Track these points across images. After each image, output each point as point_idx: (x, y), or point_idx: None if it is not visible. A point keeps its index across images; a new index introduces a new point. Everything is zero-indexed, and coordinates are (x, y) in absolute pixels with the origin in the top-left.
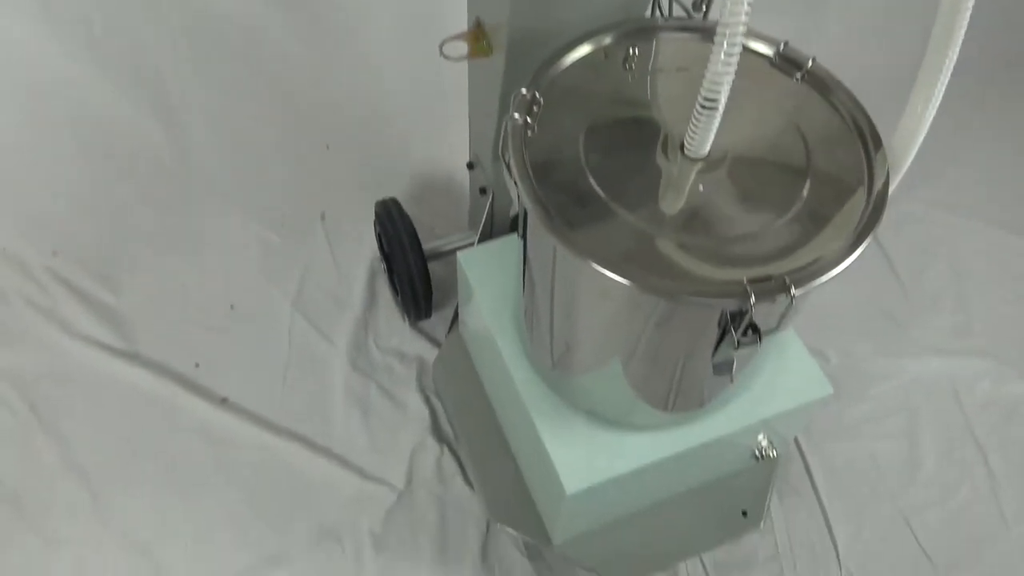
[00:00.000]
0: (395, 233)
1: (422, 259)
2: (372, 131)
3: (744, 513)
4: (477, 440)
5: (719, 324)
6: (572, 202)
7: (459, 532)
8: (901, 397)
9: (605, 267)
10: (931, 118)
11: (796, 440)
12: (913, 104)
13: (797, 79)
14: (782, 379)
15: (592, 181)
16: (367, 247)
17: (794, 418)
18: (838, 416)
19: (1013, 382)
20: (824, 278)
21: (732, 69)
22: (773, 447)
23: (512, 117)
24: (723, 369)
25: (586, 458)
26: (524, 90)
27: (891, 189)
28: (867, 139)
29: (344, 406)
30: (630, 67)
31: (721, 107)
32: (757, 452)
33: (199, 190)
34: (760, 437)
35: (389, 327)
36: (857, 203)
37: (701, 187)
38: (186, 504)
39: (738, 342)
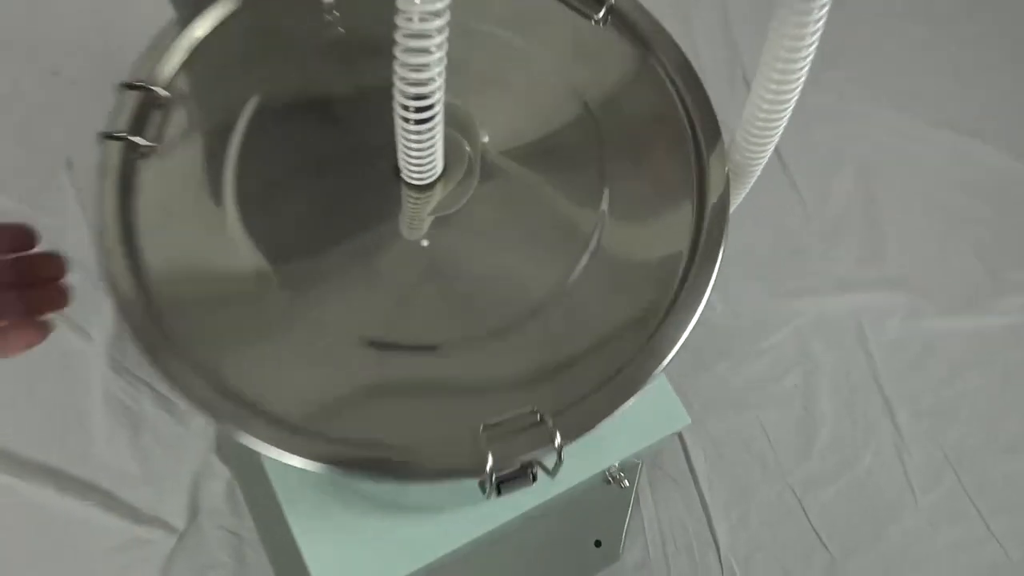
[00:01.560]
0: None
1: None
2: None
3: (598, 543)
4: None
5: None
6: (213, 293)
7: (262, 574)
8: (798, 348)
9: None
10: (795, 96)
11: None
12: (766, 73)
13: (597, 21)
14: (629, 415)
15: (251, 243)
16: None
17: (643, 453)
18: (723, 383)
19: (928, 318)
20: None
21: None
22: (624, 477)
23: (107, 138)
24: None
25: (356, 557)
26: (130, 81)
27: (735, 204)
28: (698, 126)
29: (106, 422)
30: (334, 11)
31: (438, 117)
32: (607, 477)
33: None
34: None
35: None
36: (678, 238)
37: (425, 242)
38: None
39: (499, 491)
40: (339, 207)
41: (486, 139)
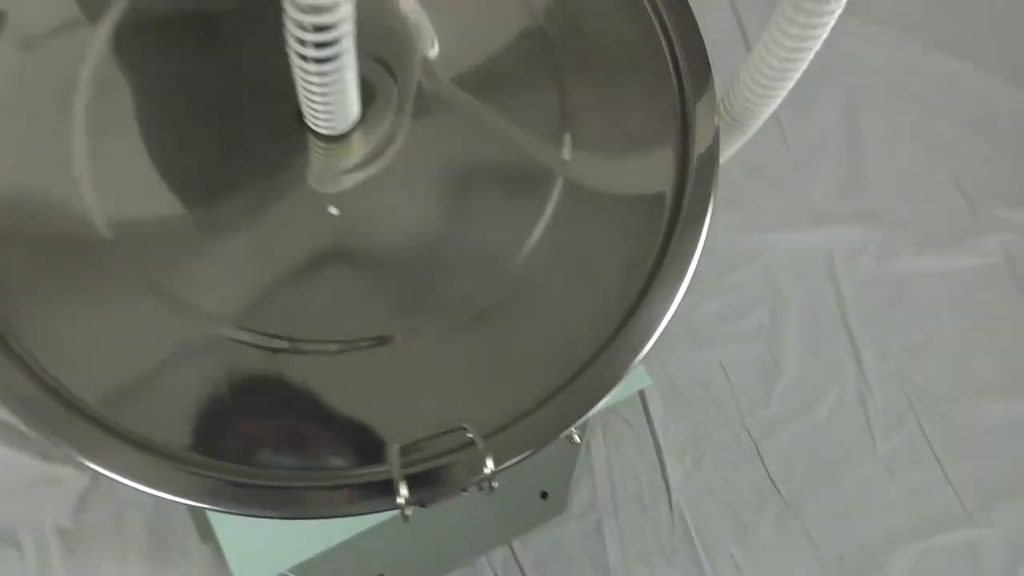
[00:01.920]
0: None
1: None
2: None
3: (544, 495)
4: None
5: None
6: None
7: (183, 512)
8: (766, 283)
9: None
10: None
11: None
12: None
13: None
14: None
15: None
16: None
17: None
18: (684, 318)
19: (903, 256)
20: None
21: None
22: (574, 433)
23: None
24: None
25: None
26: None
27: (726, 158)
28: (682, 62)
29: None
30: None
31: (347, 52)
32: None
33: None
34: None
35: None
36: (653, 202)
37: (334, 209)
38: None
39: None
40: (222, 157)
41: (417, 73)
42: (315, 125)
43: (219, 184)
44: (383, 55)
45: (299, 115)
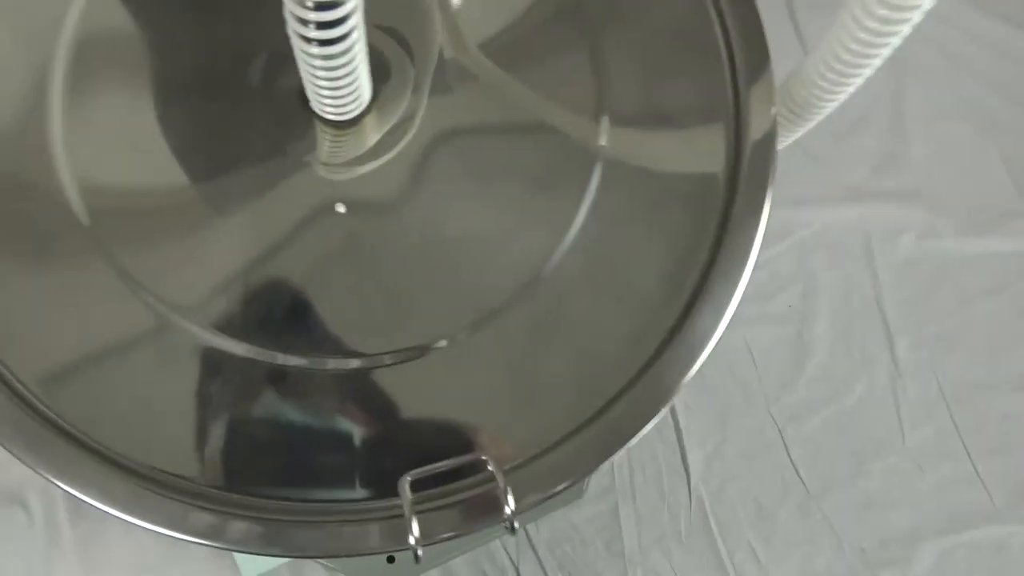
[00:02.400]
0: None
1: None
2: None
3: None
4: None
5: None
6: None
7: None
8: (798, 262)
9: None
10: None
11: None
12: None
13: None
14: None
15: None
16: None
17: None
18: None
19: (944, 238)
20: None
21: None
22: None
23: None
24: None
25: None
26: None
27: (782, 146)
28: (735, 42)
29: None
30: None
31: (357, 33)
32: None
33: None
34: None
35: None
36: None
37: (341, 207)
38: None
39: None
40: (213, 140)
41: (436, 44)
42: (321, 111)
43: (210, 172)
44: (395, 24)
45: (303, 97)
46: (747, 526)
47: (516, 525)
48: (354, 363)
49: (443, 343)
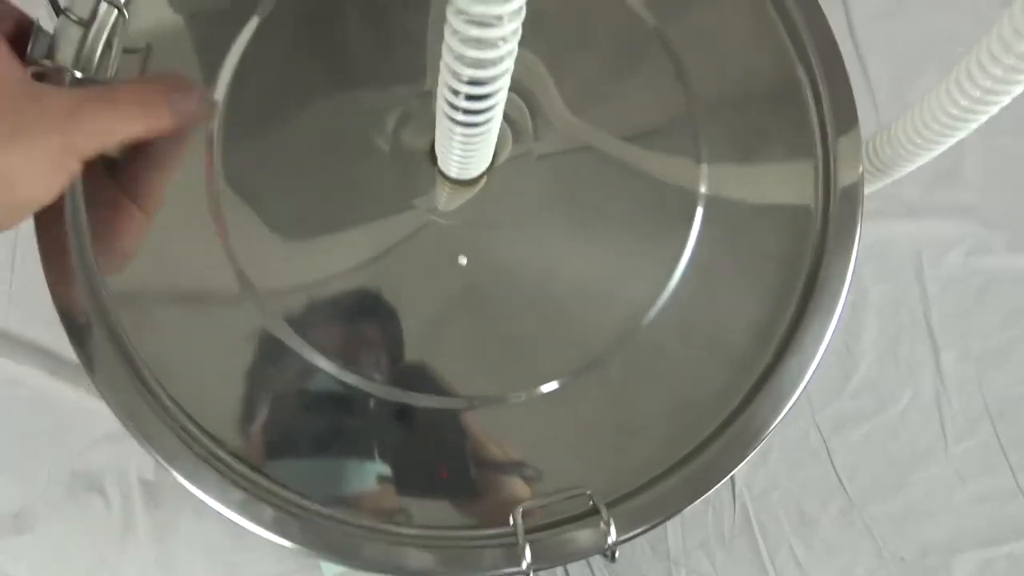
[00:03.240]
0: None
1: None
2: None
3: None
4: None
5: None
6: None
7: None
8: None
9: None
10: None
11: None
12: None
13: None
14: None
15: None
16: None
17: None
18: None
19: (994, 254)
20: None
21: None
22: None
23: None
24: None
25: None
26: None
27: (869, 191)
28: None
29: None
30: None
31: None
32: None
33: None
34: None
35: None
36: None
37: (463, 259)
38: None
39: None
40: (343, 196)
41: (554, 106)
42: (447, 171)
43: (341, 225)
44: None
45: (431, 156)
46: (789, 531)
47: (617, 555)
48: (474, 403)
49: (553, 386)
